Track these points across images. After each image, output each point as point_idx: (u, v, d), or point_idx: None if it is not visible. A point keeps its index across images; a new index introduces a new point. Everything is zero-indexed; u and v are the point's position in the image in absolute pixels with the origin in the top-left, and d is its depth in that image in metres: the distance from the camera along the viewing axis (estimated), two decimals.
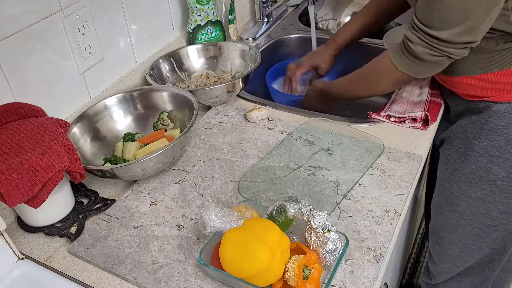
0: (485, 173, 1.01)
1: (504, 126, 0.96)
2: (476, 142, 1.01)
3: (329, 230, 0.72)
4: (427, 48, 0.88)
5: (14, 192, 0.72)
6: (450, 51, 0.87)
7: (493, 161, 0.99)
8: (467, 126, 1.03)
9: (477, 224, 1.09)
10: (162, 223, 0.85)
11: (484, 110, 0.98)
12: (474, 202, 1.06)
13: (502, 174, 1.00)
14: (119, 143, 1.02)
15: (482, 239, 1.11)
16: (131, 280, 0.75)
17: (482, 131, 0.99)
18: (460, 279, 1.25)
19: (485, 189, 1.03)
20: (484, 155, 1.00)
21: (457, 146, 1.06)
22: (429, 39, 0.87)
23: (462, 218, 1.10)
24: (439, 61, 0.90)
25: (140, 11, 1.15)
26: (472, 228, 1.10)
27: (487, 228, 1.08)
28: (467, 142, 1.03)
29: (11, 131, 0.79)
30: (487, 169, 1.01)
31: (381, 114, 1.06)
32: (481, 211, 1.06)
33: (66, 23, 0.95)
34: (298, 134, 1.03)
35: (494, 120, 0.97)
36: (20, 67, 0.88)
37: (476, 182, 1.03)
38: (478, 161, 1.01)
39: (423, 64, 0.92)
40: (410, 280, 1.88)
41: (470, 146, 1.02)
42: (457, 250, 1.17)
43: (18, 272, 0.77)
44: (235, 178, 0.93)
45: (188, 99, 1.01)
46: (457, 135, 1.06)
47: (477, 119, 1.00)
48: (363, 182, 0.90)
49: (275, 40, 1.48)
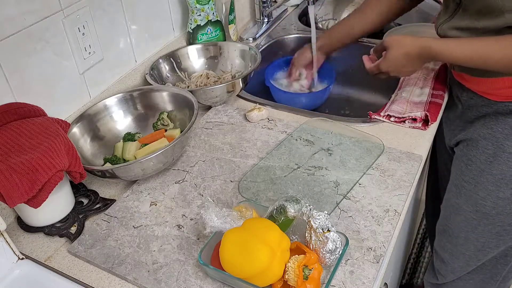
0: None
1: None
2: (509, 143, 1.00)
3: (329, 230, 0.72)
4: None
5: (14, 192, 0.72)
6: None
7: None
8: (496, 127, 1.02)
9: (499, 223, 1.08)
10: (162, 223, 0.85)
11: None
12: (501, 202, 1.05)
13: None
14: (119, 143, 1.02)
15: (501, 237, 1.11)
16: (131, 280, 0.75)
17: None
18: (470, 277, 1.24)
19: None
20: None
21: (483, 147, 1.04)
22: None
23: (485, 218, 1.09)
24: None
25: (140, 11, 1.15)
26: (494, 227, 1.10)
27: (508, 226, 1.08)
28: (497, 143, 1.02)
29: (11, 131, 0.79)
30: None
31: (381, 114, 1.06)
32: (507, 211, 1.06)
33: (66, 23, 0.95)
34: (298, 134, 1.03)
35: None
36: (20, 67, 0.88)
37: (506, 183, 1.03)
38: (509, 162, 1.01)
39: None
40: (410, 280, 1.88)
41: (501, 147, 1.01)
42: (473, 248, 1.16)
43: (18, 272, 0.77)
44: (235, 178, 0.94)
45: (188, 99, 1.01)
46: (483, 136, 1.04)
47: (507, 120, 1.00)
48: (363, 182, 0.90)
49: (275, 40, 1.48)
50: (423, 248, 2.01)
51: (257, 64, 1.15)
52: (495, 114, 1.02)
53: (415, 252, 1.99)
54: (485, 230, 1.11)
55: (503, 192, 1.04)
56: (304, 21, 1.58)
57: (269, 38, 1.48)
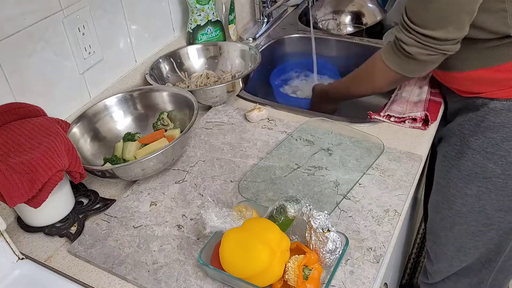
0: (481, 170, 1.02)
1: (500, 123, 0.96)
2: (473, 139, 1.01)
3: (329, 230, 0.72)
4: (422, 48, 0.89)
5: (14, 192, 0.72)
6: (446, 48, 0.88)
7: (489, 158, 1.00)
8: (464, 123, 1.03)
9: (473, 222, 1.09)
10: (162, 223, 0.85)
11: (481, 107, 0.99)
12: (469, 200, 1.06)
13: (498, 171, 1.00)
14: (119, 143, 1.02)
15: (478, 238, 1.11)
16: (131, 280, 0.75)
17: (479, 128, 0.99)
18: (457, 279, 1.25)
19: (480, 186, 1.03)
20: (480, 152, 1.00)
21: (453, 143, 1.06)
22: (424, 39, 0.87)
23: (458, 216, 1.10)
24: (434, 60, 0.91)
25: (140, 11, 1.15)
26: (468, 227, 1.10)
27: (482, 226, 1.09)
28: (464, 139, 1.03)
29: (11, 131, 0.79)
30: (483, 166, 1.01)
31: (381, 114, 1.06)
32: (476, 209, 1.06)
33: (66, 23, 0.95)
34: (298, 134, 1.03)
35: (491, 117, 0.97)
36: (20, 67, 0.88)
37: (472, 179, 1.04)
38: (474, 158, 1.02)
39: (417, 63, 0.92)
40: (410, 280, 1.87)
41: (467, 143, 1.02)
42: (453, 249, 1.17)
43: (18, 272, 0.77)
44: (235, 178, 0.93)
45: (188, 99, 1.01)
46: (454, 133, 1.06)
47: (473, 116, 1.00)
48: (363, 182, 0.90)
49: (275, 40, 1.48)
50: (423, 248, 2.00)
51: (257, 64, 1.15)
52: (466, 111, 1.03)
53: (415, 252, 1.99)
54: (461, 230, 1.12)
55: (470, 189, 1.05)
56: (304, 21, 1.58)
57: (269, 38, 1.48)
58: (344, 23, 1.47)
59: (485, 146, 0.99)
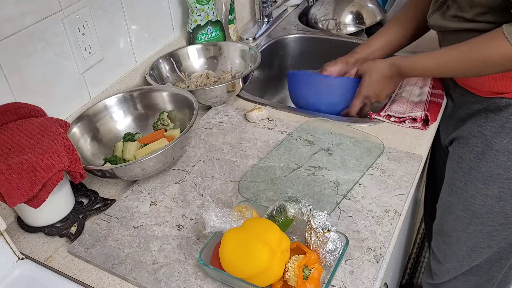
0: (504, 171, 1.01)
1: None
2: (497, 141, 1.00)
3: (329, 230, 0.72)
4: None
5: (14, 192, 0.72)
6: None
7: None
8: (485, 125, 1.02)
9: (490, 223, 1.09)
10: (162, 223, 0.85)
11: (505, 108, 0.98)
12: (490, 201, 1.06)
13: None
14: (119, 143, 1.02)
15: (493, 237, 1.11)
16: (131, 280, 0.75)
17: (503, 129, 0.99)
18: (466, 278, 1.24)
19: (502, 187, 1.03)
20: (504, 153, 1.00)
21: (473, 145, 1.05)
22: None
23: (475, 217, 1.10)
24: None
25: (140, 11, 1.15)
26: (484, 227, 1.10)
27: (499, 226, 1.08)
28: (486, 140, 1.02)
29: (11, 131, 0.79)
30: (506, 167, 1.01)
31: (381, 114, 1.06)
32: (496, 209, 1.06)
33: (66, 23, 0.95)
34: (298, 134, 1.03)
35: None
36: (20, 67, 0.88)
37: (494, 181, 1.03)
38: (497, 159, 1.01)
39: None
40: (410, 280, 1.88)
41: (489, 144, 1.01)
42: (465, 249, 1.16)
43: (18, 272, 0.77)
44: (235, 178, 0.94)
45: (188, 99, 1.01)
46: (473, 134, 1.05)
47: (496, 117, 1.00)
48: (363, 182, 0.90)
49: (275, 40, 1.48)
50: (423, 248, 2.01)
51: (257, 64, 1.15)
52: (485, 111, 1.02)
53: (415, 252, 1.99)
54: (476, 230, 1.11)
55: (491, 190, 1.04)
56: (304, 21, 1.58)
57: (269, 38, 1.48)
58: (344, 23, 1.47)
59: (510, 147, 0.99)
